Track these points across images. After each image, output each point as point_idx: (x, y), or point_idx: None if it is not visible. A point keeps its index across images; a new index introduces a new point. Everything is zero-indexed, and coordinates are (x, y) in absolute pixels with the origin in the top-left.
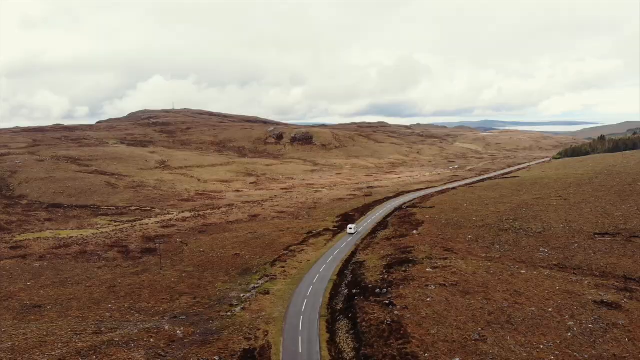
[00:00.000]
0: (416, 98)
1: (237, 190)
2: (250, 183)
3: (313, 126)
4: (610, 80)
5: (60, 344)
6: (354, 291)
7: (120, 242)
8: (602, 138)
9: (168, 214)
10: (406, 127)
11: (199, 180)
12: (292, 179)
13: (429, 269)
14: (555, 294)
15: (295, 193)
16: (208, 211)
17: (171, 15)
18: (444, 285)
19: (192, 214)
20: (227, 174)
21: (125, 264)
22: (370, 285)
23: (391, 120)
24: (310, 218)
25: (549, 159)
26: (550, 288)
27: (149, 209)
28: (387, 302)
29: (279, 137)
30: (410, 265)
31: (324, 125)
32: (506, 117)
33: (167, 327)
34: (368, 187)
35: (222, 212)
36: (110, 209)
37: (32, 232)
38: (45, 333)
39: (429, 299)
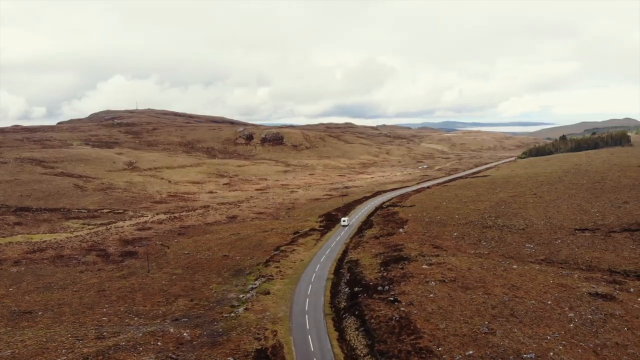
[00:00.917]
0: (380, 99)
1: (211, 192)
2: (223, 184)
3: (282, 126)
4: (568, 82)
5: (64, 350)
6: (356, 289)
7: (97, 246)
8: (563, 138)
9: (142, 216)
10: (373, 127)
11: (169, 181)
12: (266, 179)
13: (425, 266)
14: (550, 287)
15: (271, 194)
16: (183, 213)
17: (132, 14)
18: (444, 281)
19: (168, 216)
20: (198, 175)
21: (108, 268)
22: (371, 283)
23: (355, 121)
24: (291, 218)
25: (514, 158)
26: (544, 282)
27: (121, 211)
28: (392, 299)
29: (249, 138)
30: (406, 262)
31: (292, 126)
32: (467, 118)
33: (172, 330)
34: (343, 187)
35: (198, 213)
36: (81, 211)
37: (3, 237)
38: (44, 339)
39: (432, 295)
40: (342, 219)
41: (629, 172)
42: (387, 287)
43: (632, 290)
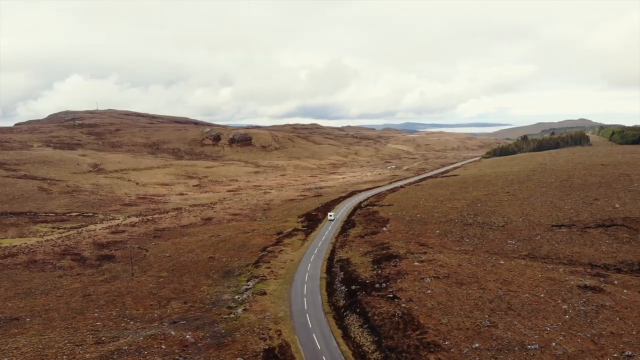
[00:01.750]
0: (343, 100)
1: (181, 194)
2: (194, 186)
3: (250, 127)
4: (525, 84)
5: (64, 357)
6: (354, 287)
7: (71, 250)
8: (525, 138)
9: (113, 219)
10: (339, 128)
11: (137, 183)
12: (237, 180)
13: (416, 263)
14: (540, 281)
15: (244, 195)
16: (156, 215)
17: (90, 12)
18: (438, 277)
19: (140, 218)
20: (167, 177)
21: (87, 272)
22: (368, 281)
23: (320, 122)
24: (268, 219)
25: (479, 158)
26: (533, 276)
27: (91, 214)
28: (391, 295)
29: (217, 139)
30: (397, 260)
31: (259, 127)
32: (427, 120)
33: (173, 333)
34: (317, 188)
35: (171, 216)
36: (48, 215)
37: None
38: (40, 346)
39: (429, 291)
40: (329, 214)
41: (593, 170)
42: (384, 285)
43: (616, 282)
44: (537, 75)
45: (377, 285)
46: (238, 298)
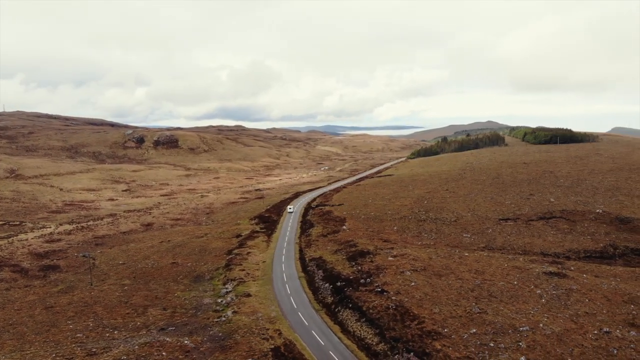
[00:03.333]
0: (265, 103)
1: (111, 199)
2: (123, 191)
3: (176, 129)
4: (436, 88)
5: None
6: (339, 284)
7: (7, 261)
8: (445, 139)
9: (44, 227)
10: (265, 130)
11: (61, 189)
12: (168, 184)
13: (390, 258)
14: (509, 270)
15: (180, 199)
16: (90, 222)
17: None
18: (416, 270)
19: (74, 226)
20: (92, 182)
21: (35, 283)
22: (351, 277)
23: (241, 124)
24: (215, 223)
25: (404, 158)
26: (500, 266)
27: (18, 223)
28: (379, 289)
29: (140, 141)
30: (371, 256)
31: (180, 128)
32: (346, 122)
33: (168, 339)
34: (256, 190)
35: (107, 222)
36: None
37: None
38: None
39: (413, 284)
40: (289, 207)
41: (518, 168)
42: (368, 280)
43: (572, 268)
44: (448, 80)
45: (362, 281)
46: (222, 301)
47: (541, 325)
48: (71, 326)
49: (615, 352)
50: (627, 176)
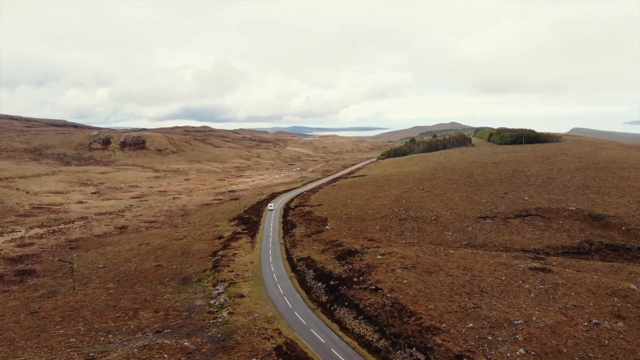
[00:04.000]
0: (230, 103)
1: (80, 202)
2: (92, 193)
3: (142, 130)
4: (401, 90)
5: None
6: (332, 283)
7: None
8: (413, 140)
9: (14, 231)
10: (233, 131)
11: (28, 192)
12: (137, 186)
13: (378, 256)
14: (495, 266)
15: (151, 201)
16: (62, 226)
17: None
18: (406, 268)
19: (45, 230)
20: (59, 185)
21: (13, 289)
22: (343, 276)
23: (207, 125)
24: (192, 225)
25: (375, 159)
26: (486, 262)
27: None
28: (373, 287)
29: (106, 142)
30: (360, 255)
31: (145, 129)
32: (312, 124)
33: (167, 342)
34: (229, 191)
35: (79, 226)
36: None
37: None
38: None
39: (405, 281)
40: (269, 204)
41: (489, 168)
42: (361, 278)
43: (554, 264)
44: (412, 82)
45: (355, 279)
46: (215, 303)
47: (534, 318)
48: (61, 331)
49: (606, 342)
50: (595, 175)
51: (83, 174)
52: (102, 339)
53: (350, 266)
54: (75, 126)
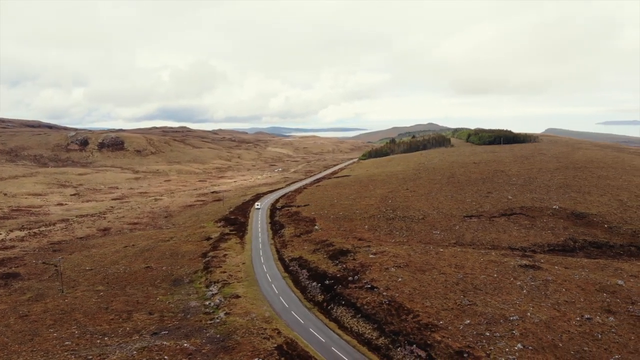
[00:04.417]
0: (208, 104)
1: (60, 204)
2: (71, 195)
3: (120, 130)
4: (379, 91)
5: None
6: (327, 282)
7: None
8: (393, 141)
9: None
10: (213, 132)
11: (5, 194)
12: (117, 188)
13: (371, 256)
14: (486, 264)
15: (133, 203)
16: (43, 228)
17: None
18: (399, 266)
19: (26, 232)
20: (37, 187)
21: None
22: (338, 275)
23: (185, 125)
24: (177, 227)
25: (357, 159)
26: (476, 260)
27: None
28: (369, 286)
29: (84, 143)
30: (352, 254)
31: (123, 130)
32: (291, 124)
33: (167, 343)
34: (212, 192)
35: (61, 228)
36: None
37: None
38: None
39: (400, 279)
40: (256, 203)
41: (470, 168)
42: (356, 277)
43: (542, 261)
44: (391, 83)
45: (350, 278)
46: (210, 304)
47: (529, 314)
48: (55, 334)
49: (599, 336)
50: (574, 174)
51: (61, 176)
52: (98, 341)
53: (344, 265)
54: (51, 127)
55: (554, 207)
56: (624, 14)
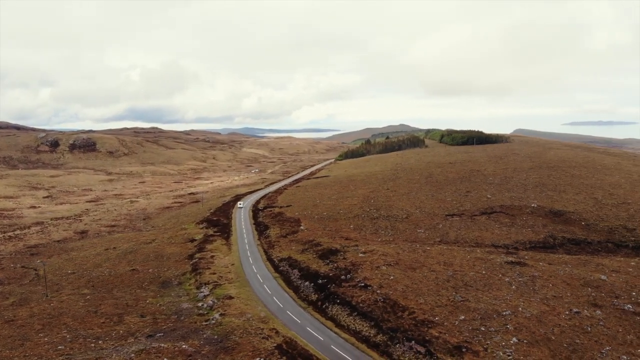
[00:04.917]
0: (179, 104)
1: (33, 207)
2: (44, 197)
3: (91, 131)
4: (352, 92)
5: None
6: (320, 281)
7: None
8: (368, 142)
9: None
10: (185, 132)
11: None
12: (91, 190)
13: (360, 254)
14: (473, 261)
15: (108, 205)
16: (17, 232)
17: None
18: (390, 265)
19: (0, 236)
20: (8, 189)
21: None
22: (330, 274)
23: (155, 126)
24: (157, 229)
25: (333, 160)
26: (464, 257)
27: None
28: (362, 284)
29: (54, 145)
30: (342, 254)
31: (92, 131)
32: (264, 125)
33: (164, 345)
34: (189, 194)
35: (36, 231)
36: None
37: None
38: None
39: (392, 277)
40: (239, 202)
41: (446, 168)
42: (349, 276)
43: (526, 257)
44: (363, 84)
45: (342, 277)
46: (203, 305)
47: (520, 309)
48: (46, 339)
49: (589, 329)
50: (548, 174)
51: (32, 178)
52: (92, 345)
53: (335, 265)
54: (19, 128)
55: (532, 205)
56: (592, 17)
